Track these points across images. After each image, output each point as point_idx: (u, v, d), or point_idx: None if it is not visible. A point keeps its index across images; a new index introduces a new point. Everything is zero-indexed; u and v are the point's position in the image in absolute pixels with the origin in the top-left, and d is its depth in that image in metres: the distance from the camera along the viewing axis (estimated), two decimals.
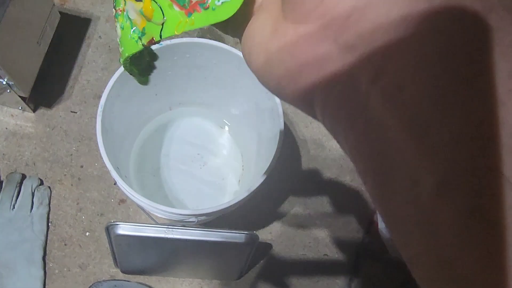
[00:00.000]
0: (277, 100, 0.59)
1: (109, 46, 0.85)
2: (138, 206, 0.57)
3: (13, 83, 0.66)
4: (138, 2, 0.23)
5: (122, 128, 0.65)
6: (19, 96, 0.71)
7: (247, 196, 0.54)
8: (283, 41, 0.17)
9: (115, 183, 0.72)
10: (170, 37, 0.77)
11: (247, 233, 0.60)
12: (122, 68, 0.58)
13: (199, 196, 0.74)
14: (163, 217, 0.57)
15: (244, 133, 0.75)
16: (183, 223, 0.61)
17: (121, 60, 0.26)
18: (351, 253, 0.77)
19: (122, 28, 0.25)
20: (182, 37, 0.61)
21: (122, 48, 0.25)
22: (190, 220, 0.57)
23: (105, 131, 0.56)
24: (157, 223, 0.60)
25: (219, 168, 0.76)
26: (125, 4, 0.24)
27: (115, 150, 0.63)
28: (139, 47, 0.24)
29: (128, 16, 0.24)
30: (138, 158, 0.74)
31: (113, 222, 0.59)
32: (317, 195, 0.80)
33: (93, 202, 0.74)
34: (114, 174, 0.51)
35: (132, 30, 0.24)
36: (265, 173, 0.56)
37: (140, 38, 0.24)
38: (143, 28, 0.23)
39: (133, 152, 0.74)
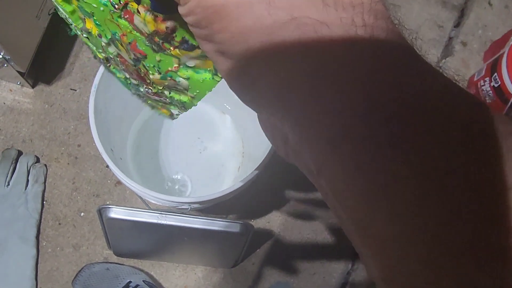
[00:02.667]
0: None
1: None
2: (131, 190, 0.55)
3: (10, 57, 0.65)
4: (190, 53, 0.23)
5: (119, 109, 0.63)
6: (17, 71, 0.70)
7: (242, 185, 0.52)
8: None
9: (107, 166, 0.71)
10: None
11: (242, 223, 0.59)
12: None
13: (197, 181, 0.72)
14: (155, 202, 0.56)
15: (245, 118, 0.72)
16: (177, 209, 0.60)
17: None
18: (350, 247, 0.75)
19: (188, 78, 0.23)
20: None
21: (196, 92, 0.24)
22: (184, 207, 0.56)
23: (99, 111, 0.54)
24: (150, 208, 0.59)
25: (219, 154, 0.74)
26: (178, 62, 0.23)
27: (111, 132, 0.61)
28: (215, 82, 0.23)
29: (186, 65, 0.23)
30: (136, 140, 0.72)
31: (106, 205, 0.58)
32: None
33: (89, 182, 0.73)
34: (105, 157, 0.49)
35: (201, 75, 0.23)
36: (263, 161, 0.54)
37: (214, 75, 0.22)
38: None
39: (131, 134, 0.72)
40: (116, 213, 0.58)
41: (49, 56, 0.77)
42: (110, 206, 0.57)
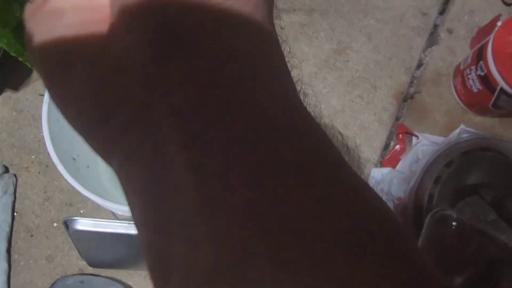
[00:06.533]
0: None
1: None
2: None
3: None
4: None
5: None
6: None
7: None
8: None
9: None
10: None
11: None
12: None
13: None
14: (122, 214, 0.53)
15: None
16: None
17: None
18: None
19: None
20: None
21: None
22: None
23: (56, 119, 0.51)
24: (117, 218, 0.56)
25: None
26: None
27: (74, 138, 0.58)
28: None
29: None
30: None
31: (71, 216, 0.55)
32: None
33: (62, 191, 0.70)
34: (60, 168, 0.47)
35: None
36: None
37: None
38: None
39: None
40: (82, 224, 0.55)
41: (15, 61, 0.74)
42: (75, 217, 0.55)
